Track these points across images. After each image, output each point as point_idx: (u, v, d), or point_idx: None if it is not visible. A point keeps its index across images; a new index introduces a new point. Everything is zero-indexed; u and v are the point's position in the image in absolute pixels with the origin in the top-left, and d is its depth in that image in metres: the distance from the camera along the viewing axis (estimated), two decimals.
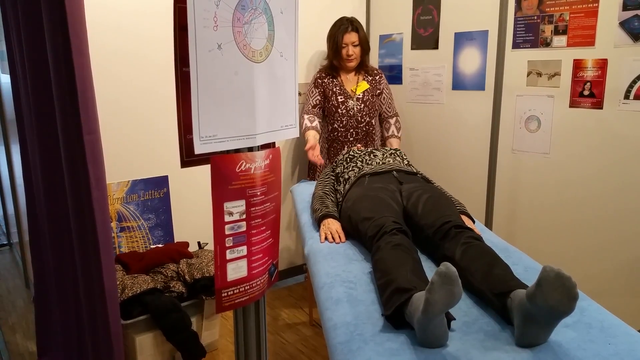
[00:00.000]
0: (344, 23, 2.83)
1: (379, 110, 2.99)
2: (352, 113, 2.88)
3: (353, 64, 2.89)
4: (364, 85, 2.91)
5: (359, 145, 2.79)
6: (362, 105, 2.88)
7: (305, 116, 2.92)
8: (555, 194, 2.48)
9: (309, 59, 3.23)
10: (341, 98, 2.89)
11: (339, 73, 2.95)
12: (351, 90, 2.90)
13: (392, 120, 3.00)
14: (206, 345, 2.43)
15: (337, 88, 2.90)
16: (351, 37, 2.82)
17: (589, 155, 2.33)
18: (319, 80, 2.95)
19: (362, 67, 2.94)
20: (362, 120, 2.89)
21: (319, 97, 2.94)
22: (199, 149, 0.95)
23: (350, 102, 2.87)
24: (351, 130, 2.90)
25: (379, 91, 2.95)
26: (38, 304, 2.34)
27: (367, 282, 1.58)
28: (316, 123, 2.90)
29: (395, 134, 2.98)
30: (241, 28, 0.95)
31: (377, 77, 2.96)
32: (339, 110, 2.88)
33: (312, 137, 2.81)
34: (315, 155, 2.73)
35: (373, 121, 2.94)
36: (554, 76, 2.41)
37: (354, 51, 2.84)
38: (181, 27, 0.99)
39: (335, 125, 2.91)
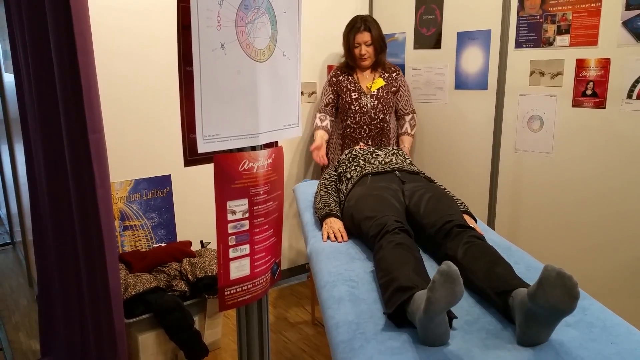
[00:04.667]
0: (357, 22, 2.83)
1: (394, 107, 2.99)
2: (365, 110, 2.88)
3: (367, 63, 2.89)
4: (379, 82, 2.90)
5: (361, 144, 2.79)
6: (376, 102, 2.88)
7: (318, 115, 2.96)
8: (558, 194, 2.48)
9: (312, 58, 3.23)
10: (355, 95, 2.89)
11: (355, 71, 2.95)
12: (366, 87, 2.91)
13: (408, 118, 3.00)
14: (209, 344, 2.44)
15: (352, 85, 2.91)
16: (363, 37, 2.81)
17: (591, 155, 2.33)
18: (333, 79, 2.98)
19: (379, 65, 2.93)
20: (376, 117, 2.89)
21: (331, 96, 2.97)
22: (202, 147, 0.95)
23: (364, 99, 2.88)
24: (365, 127, 2.90)
25: (395, 88, 2.94)
26: (41, 302, 2.35)
27: (369, 281, 1.58)
28: (327, 122, 2.94)
29: (409, 131, 2.98)
30: (244, 27, 0.96)
31: (394, 75, 2.95)
32: (352, 106, 2.89)
33: (320, 137, 2.85)
34: (320, 155, 2.79)
35: (387, 118, 2.94)
36: (557, 76, 2.41)
37: (366, 50, 2.83)
38: (184, 26, 0.99)
39: (349, 121, 2.92)
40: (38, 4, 1.77)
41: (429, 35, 3.02)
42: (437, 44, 2.98)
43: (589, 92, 2.30)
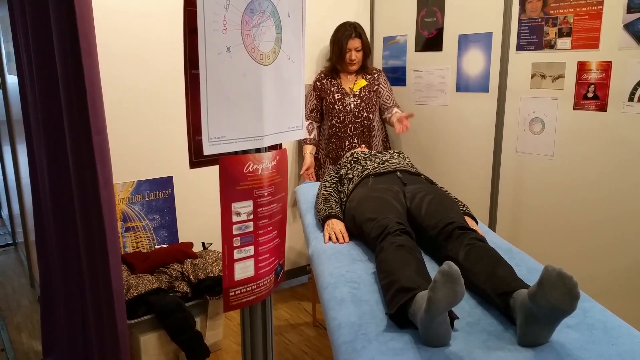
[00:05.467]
0: (347, 29, 2.91)
1: (377, 105, 3.04)
2: (349, 109, 2.95)
3: (355, 68, 2.97)
4: (361, 83, 2.98)
5: (362, 146, 2.80)
6: (359, 101, 2.96)
7: (304, 123, 3.01)
8: (559, 196, 2.49)
9: (314, 61, 3.25)
10: (338, 95, 2.97)
11: (339, 74, 3.03)
12: (349, 88, 2.98)
13: (395, 108, 3.03)
14: (210, 345, 2.45)
15: (335, 87, 2.99)
16: (355, 43, 2.90)
17: (592, 158, 2.34)
18: (317, 83, 3.07)
19: (363, 69, 3.02)
20: (360, 115, 2.96)
21: (315, 102, 3.07)
22: (208, 150, 0.96)
23: (347, 99, 2.96)
24: (350, 126, 2.97)
25: (376, 87, 3.02)
26: (43, 303, 2.35)
27: (371, 282, 1.59)
28: (314, 134, 3.07)
29: (400, 112, 2.98)
30: (250, 31, 0.97)
31: (376, 75, 3.03)
32: (336, 106, 2.97)
33: (308, 154, 3.00)
34: (309, 174, 2.97)
35: (371, 116, 3.00)
36: (558, 78, 2.42)
37: (356, 56, 2.93)
38: (191, 30, 1.00)
39: (334, 121, 2.99)
40: (42, 6, 1.78)
41: (430, 37, 3.03)
42: (438, 47, 2.99)
43: (590, 95, 2.31)
